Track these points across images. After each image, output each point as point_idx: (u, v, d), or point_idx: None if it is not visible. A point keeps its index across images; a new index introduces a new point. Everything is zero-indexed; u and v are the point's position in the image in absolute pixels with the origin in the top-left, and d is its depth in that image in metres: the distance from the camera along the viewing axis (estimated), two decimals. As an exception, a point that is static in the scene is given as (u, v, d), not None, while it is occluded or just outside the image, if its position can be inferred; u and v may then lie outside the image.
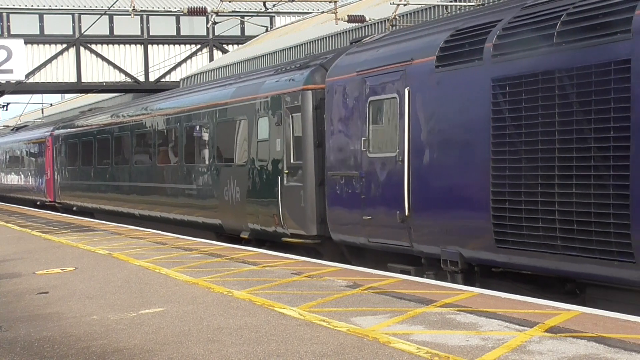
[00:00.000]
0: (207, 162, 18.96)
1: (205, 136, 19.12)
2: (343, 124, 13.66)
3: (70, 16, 41.44)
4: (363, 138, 13.07)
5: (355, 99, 13.33)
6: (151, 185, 22.59)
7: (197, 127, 19.60)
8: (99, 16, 34.40)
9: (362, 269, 12.23)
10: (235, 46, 42.91)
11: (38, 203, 35.78)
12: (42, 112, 64.49)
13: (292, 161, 15.26)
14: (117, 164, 25.54)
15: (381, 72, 12.70)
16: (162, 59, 42.06)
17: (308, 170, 14.71)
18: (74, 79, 41.52)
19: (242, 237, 17.17)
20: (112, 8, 32.29)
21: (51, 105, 70.01)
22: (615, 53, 8.72)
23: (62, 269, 13.51)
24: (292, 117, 15.25)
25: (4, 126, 64.97)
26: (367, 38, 14.93)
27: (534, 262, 9.91)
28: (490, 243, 10.48)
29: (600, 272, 9.08)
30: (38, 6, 41.19)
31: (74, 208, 30.71)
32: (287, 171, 15.34)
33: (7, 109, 49.29)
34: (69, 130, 31.61)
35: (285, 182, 15.37)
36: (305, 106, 14.81)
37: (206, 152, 19.09)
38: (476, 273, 11.17)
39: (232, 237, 17.81)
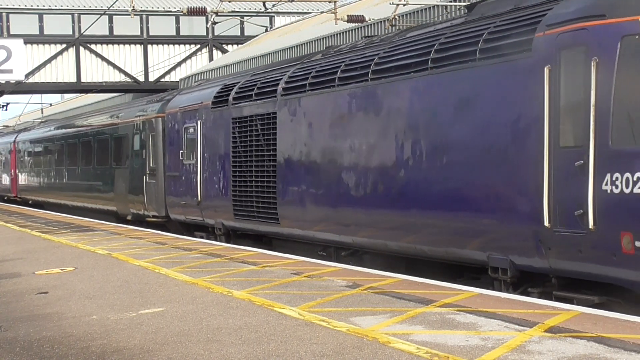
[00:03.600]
0: (107, 166, 26.43)
1: (107, 146, 26.48)
2: (173, 141, 20.47)
3: (70, 16, 41.37)
4: (181, 151, 19.82)
5: (178, 125, 20.14)
6: (77, 183, 30.24)
7: (103, 140, 27.05)
8: (98, 16, 34.33)
9: (361, 269, 12.24)
10: (235, 46, 42.86)
11: (6, 198, 42.69)
12: (42, 112, 64.46)
13: (151, 165, 22.17)
14: (57, 167, 33.23)
15: (189, 109, 19.58)
16: (162, 59, 42.02)
17: (159, 172, 21.55)
18: (73, 79, 41.47)
19: (127, 219, 24.01)
20: (111, 8, 32.21)
21: (51, 105, 69.97)
22: (271, 108, 15.74)
23: (61, 269, 13.51)
24: (151, 135, 22.20)
25: (3, 126, 64.92)
26: (195, 83, 22.08)
27: (248, 226, 16.85)
28: (232, 216, 17.29)
29: (271, 230, 16.05)
30: (38, 6, 41.13)
31: (30, 202, 37.72)
32: (148, 172, 22.32)
33: (6, 109, 49.25)
34: (25, 138, 39.71)
35: (147, 180, 22.36)
36: (157, 128, 21.86)
37: (107, 158, 26.43)
38: (231, 235, 17.87)
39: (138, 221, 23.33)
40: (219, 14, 22.34)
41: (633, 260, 8.53)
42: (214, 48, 43.12)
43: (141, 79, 42.23)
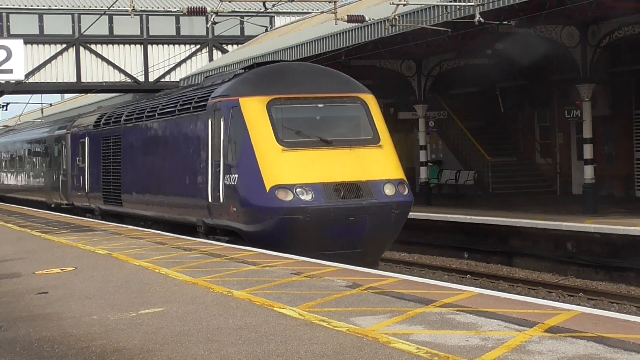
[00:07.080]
0: (40, 168, 36.61)
1: (40, 153, 36.65)
2: (75, 150, 29.29)
3: (70, 16, 41.28)
4: (78, 157, 28.56)
5: (77, 140, 29.01)
6: (23, 180, 41.16)
7: (39, 149, 37.01)
8: (98, 16, 34.29)
9: (361, 269, 12.24)
10: (235, 46, 42.84)
11: None
12: (42, 112, 64.45)
13: (64, 167, 31.10)
14: (10, 168, 44.54)
15: (82, 131, 28.54)
16: (162, 59, 41.99)
17: (68, 172, 30.25)
18: (73, 79, 41.39)
19: (52, 206, 33.03)
20: (111, 8, 32.18)
21: (51, 105, 69.97)
22: (119, 132, 24.22)
23: (61, 269, 13.51)
24: (64, 146, 31.18)
25: (3, 126, 64.90)
26: (93, 110, 31.92)
27: (111, 208, 25.10)
28: (103, 202, 25.70)
29: (119, 210, 24.21)
30: (38, 6, 41.08)
31: None
32: (62, 173, 31.36)
33: (6, 109, 49.18)
34: None
35: (62, 178, 31.40)
36: (67, 141, 30.61)
37: (40, 162, 36.66)
38: (104, 215, 25.86)
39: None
40: (219, 14, 22.29)
41: (233, 217, 16.68)
42: (214, 48, 43.10)
43: (141, 79, 42.18)
